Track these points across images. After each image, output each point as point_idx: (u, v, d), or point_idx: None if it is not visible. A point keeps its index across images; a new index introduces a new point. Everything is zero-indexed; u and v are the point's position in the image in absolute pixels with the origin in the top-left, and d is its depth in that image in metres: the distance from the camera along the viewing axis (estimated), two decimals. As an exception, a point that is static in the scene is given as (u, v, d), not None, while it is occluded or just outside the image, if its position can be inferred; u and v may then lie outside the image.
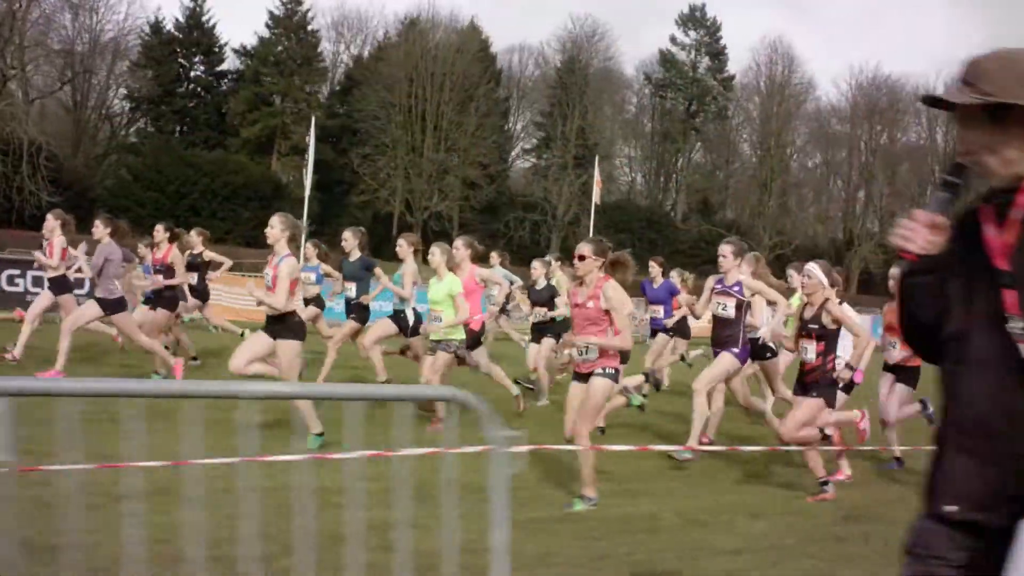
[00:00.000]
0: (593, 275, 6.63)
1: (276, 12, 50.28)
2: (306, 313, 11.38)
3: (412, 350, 10.57)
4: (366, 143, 47.71)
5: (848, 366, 7.46)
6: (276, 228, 7.86)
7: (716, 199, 59.76)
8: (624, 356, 7.24)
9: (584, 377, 6.65)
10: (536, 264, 11.64)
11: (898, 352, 8.34)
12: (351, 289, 10.77)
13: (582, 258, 6.60)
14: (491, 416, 2.97)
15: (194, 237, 12.17)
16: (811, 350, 7.19)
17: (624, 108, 60.52)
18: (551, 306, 11.31)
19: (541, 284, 11.46)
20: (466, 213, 48.52)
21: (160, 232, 11.39)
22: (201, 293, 12.34)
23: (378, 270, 11.12)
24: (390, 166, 47.66)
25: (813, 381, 7.17)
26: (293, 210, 45.16)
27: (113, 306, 10.01)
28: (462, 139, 48.67)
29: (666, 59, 59.02)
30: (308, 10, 50.64)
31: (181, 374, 10.34)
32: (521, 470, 4.81)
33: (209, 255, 12.46)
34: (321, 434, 7.77)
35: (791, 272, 10.01)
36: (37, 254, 10.79)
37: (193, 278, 11.85)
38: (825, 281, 7.22)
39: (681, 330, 12.31)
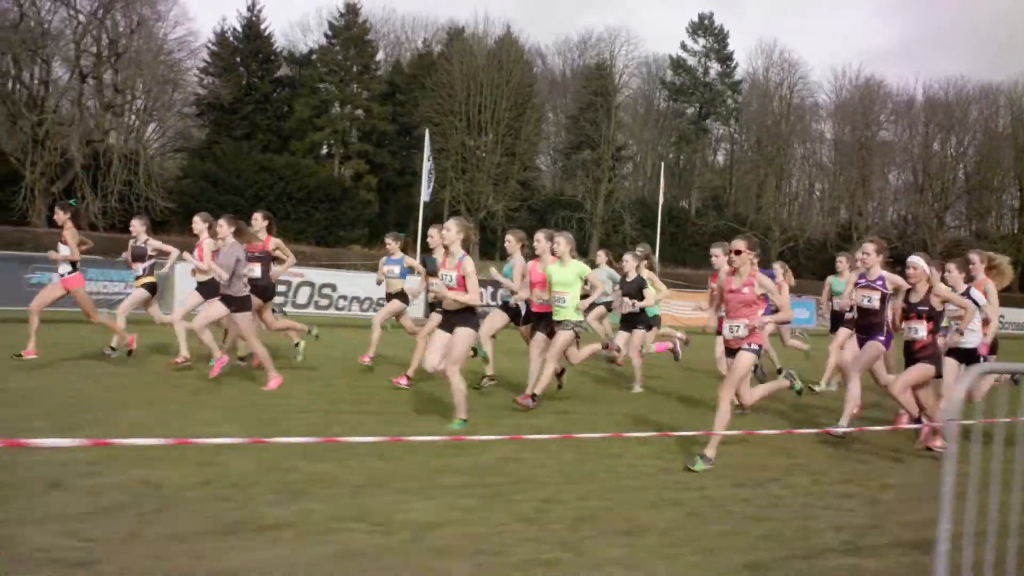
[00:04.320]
0: (747, 266, 7.78)
1: (335, 22, 55.70)
2: (389, 307, 12.35)
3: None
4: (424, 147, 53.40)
5: (958, 331, 9.10)
6: (452, 231, 8.66)
7: (725, 196, 67.00)
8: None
9: (734, 352, 7.81)
10: (628, 257, 12.28)
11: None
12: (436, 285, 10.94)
13: (738, 252, 7.76)
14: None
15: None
16: (922, 329, 8.46)
17: (636, 111, 67.35)
18: (640, 297, 12.06)
19: (632, 276, 12.15)
20: (522, 212, 54.60)
21: (259, 220, 11.71)
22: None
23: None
24: (451, 169, 53.45)
25: (926, 356, 8.44)
26: (360, 211, 51.07)
27: (239, 304, 10.40)
28: (519, 144, 54.82)
29: (677, 64, 65.99)
30: (365, 20, 56.21)
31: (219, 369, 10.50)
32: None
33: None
34: (465, 420, 8.64)
35: (840, 258, 12.87)
36: (188, 256, 11.06)
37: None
38: (928, 269, 8.56)
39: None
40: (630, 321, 12.20)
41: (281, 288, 20.40)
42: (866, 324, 9.24)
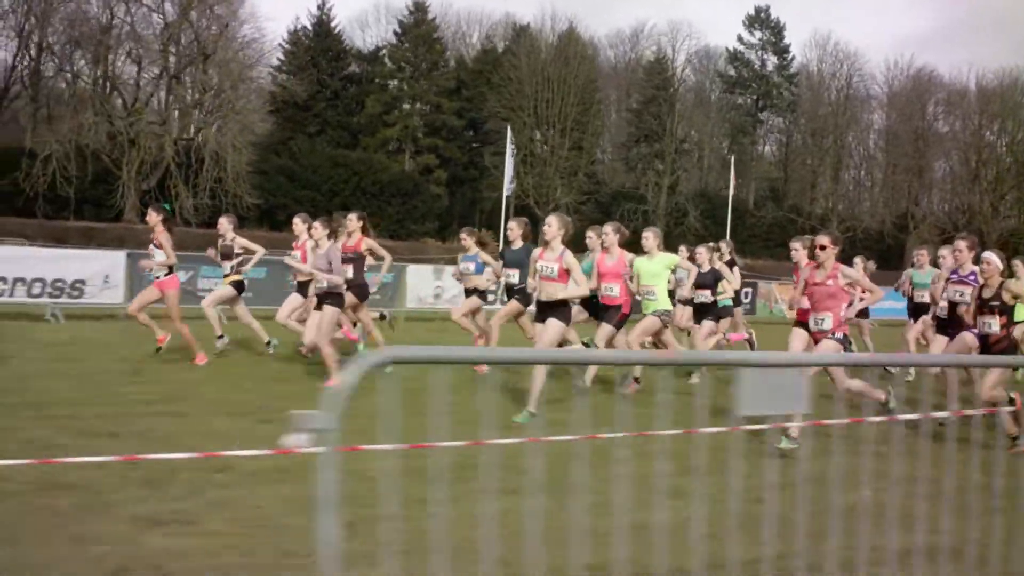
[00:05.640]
0: (830, 260, 8.19)
1: (404, 20, 57.69)
2: (467, 304, 12.66)
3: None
4: (493, 142, 55.14)
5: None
6: (553, 227, 9.20)
7: (782, 188, 68.56)
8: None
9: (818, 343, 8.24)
10: (701, 249, 12.84)
11: None
12: (514, 275, 11.52)
13: (823, 247, 8.20)
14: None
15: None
16: (995, 324, 8.71)
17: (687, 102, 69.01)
18: (715, 289, 12.49)
19: (705, 268, 12.51)
20: (588, 205, 56.40)
21: (353, 221, 11.87)
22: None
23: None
24: (520, 163, 55.24)
25: (1001, 350, 8.65)
26: (431, 205, 53.05)
27: (333, 299, 10.64)
28: (586, 139, 56.67)
29: (734, 57, 67.58)
30: (434, 18, 58.15)
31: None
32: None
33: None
34: (533, 414, 8.87)
35: (921, 251, 13.62)
36: (289, 260, 12.04)
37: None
38: (1000, 265, 8.86)
39: (862, 312, 13.01)
40: (701, 312, 12.65)
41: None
42: (958, 320, 9.53)
